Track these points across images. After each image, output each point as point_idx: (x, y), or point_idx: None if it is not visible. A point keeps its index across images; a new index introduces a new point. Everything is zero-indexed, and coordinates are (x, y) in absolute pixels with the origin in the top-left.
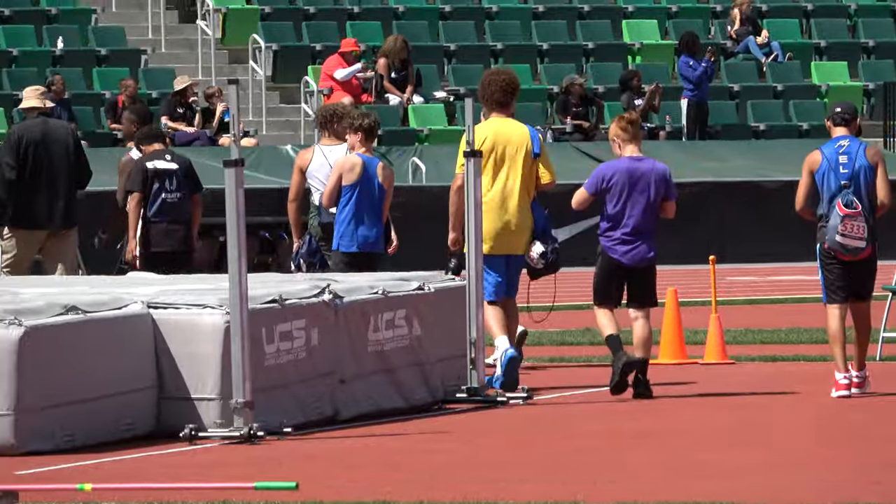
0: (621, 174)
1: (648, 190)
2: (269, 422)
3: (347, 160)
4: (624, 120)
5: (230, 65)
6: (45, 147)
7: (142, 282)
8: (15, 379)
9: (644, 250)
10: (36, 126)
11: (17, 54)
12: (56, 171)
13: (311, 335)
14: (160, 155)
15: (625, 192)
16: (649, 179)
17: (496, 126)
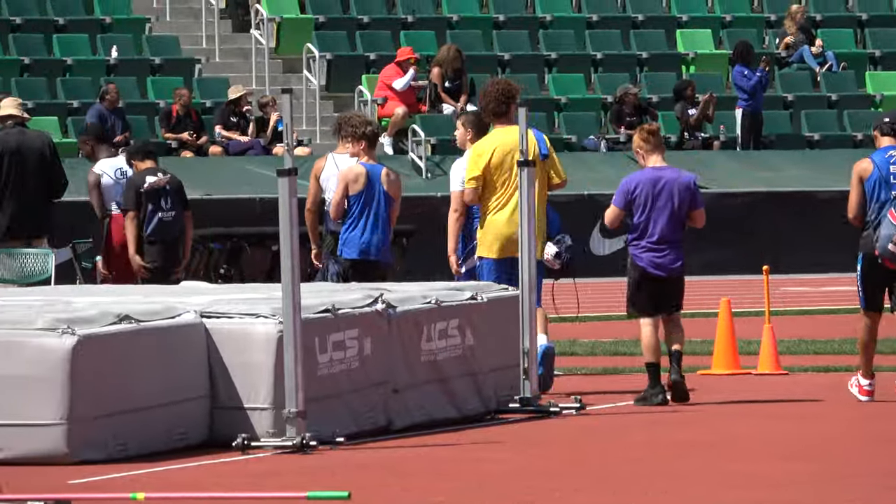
0: (645, 184)
1: (673, 199)
2: (321, 431)
3: (351, 170)
4: (645, 131)
5: (284, 74)
6: (21, 156)
7: (195, 291)
8: (68, 388)
9: (671, 259)
10: (12, 136)
11: (71, 63)
12: (30, 180)
13: (364, 345)
14: (152, 173)
15: (649, 201)
16: (673, 188)
17: (499, 137)
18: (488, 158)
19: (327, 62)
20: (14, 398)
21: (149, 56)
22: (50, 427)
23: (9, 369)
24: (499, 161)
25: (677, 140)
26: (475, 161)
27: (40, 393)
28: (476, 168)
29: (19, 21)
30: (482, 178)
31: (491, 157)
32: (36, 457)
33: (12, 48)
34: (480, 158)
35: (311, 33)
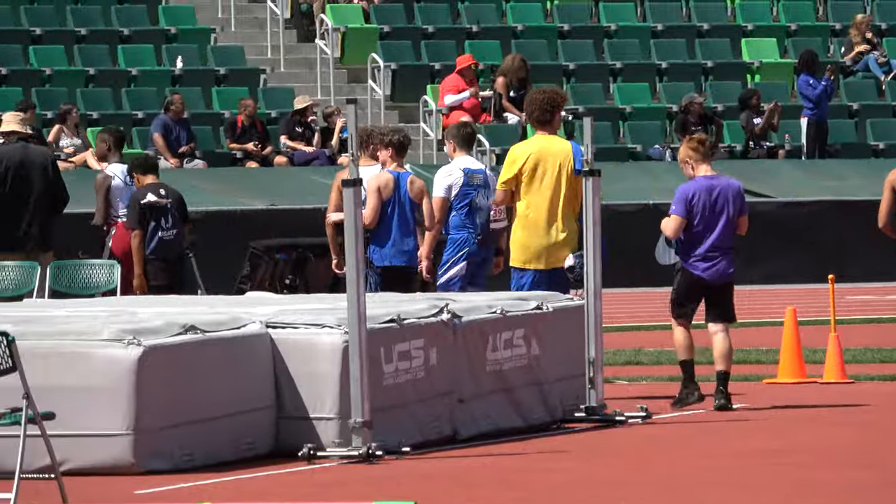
0: (702, 192)
1: (727, 207)
2: (387, 441)
3: (381, 177)
4: (694, 141)
5: (349, 84)
6: (24, 171)
7: (260, 301)
8: (134, 398)
9: (724, 266)
10: (15, 151)
11: (136, 74)
12: (33, 195)
13: (430, 355)
14: (155, 189)
15: (706, 210)
16: (727, 196)
17: (539, 144)
18: (522, 163)
19: (392, 72)
20: (80, 409)
21: (214, 66)
22: (116, 437)
23: (75, 380)
24: (532, 166)
25: (742, 149)
26: (510, 165)
27: (106, 403)
28: (509, 171)
29: (84, 32)
30: (514, 182)
31: (525, 162)
32: (102, 467)
33: (77, 59)
34: (514, 163)
35: (376, 43)
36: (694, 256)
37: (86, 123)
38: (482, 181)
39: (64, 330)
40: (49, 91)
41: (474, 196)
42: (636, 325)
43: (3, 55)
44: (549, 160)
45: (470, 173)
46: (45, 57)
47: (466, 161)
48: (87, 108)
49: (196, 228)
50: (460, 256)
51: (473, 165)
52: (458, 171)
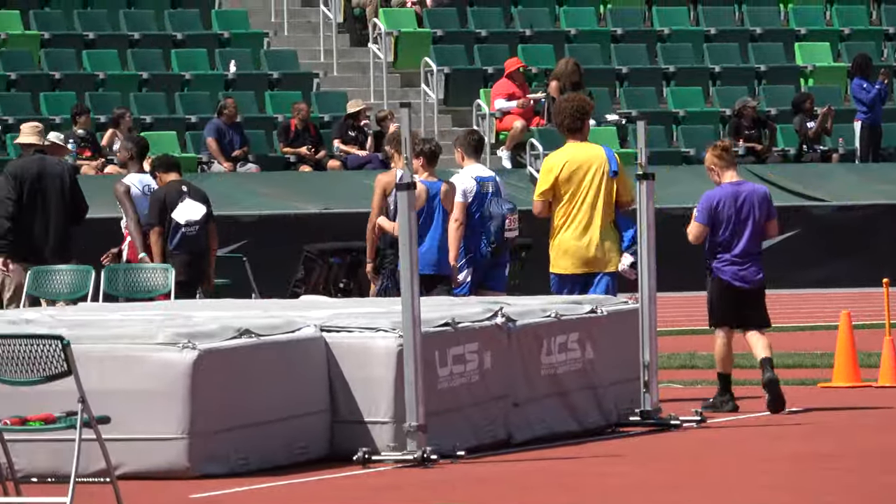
0: (727, 199)
1: (754, 212)
2: (442, 445)
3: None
4: (718, 148)
5: (402, 88)
6: (41, 183)
7: (315, 305)
8: (189, 402)
9: (754, 271)
10: (32, 163)
11: (189, 78)
12: (50, 207)
13: (484, 358)
14: (177, 187)
15: (732, 216)
16: (753, 202)
17: (571, 152)
18: (557, 172)
19: (445, 76)
20: (135, 413)
21: (267, 70)
22: (171, 441)
23: (130, 384)
24: (567, 176)
25: (796, 153)
26: (545, 175)
27: (161, 407)
28: (545, 182)
29: (138, 36)
30: (551, 192)
31: (560, 171)
32: (157, 471)
33: (131, 63)
34: (550, 173)
35: (429, 47)
36: (722, 262)
37: (139, 128)
38: (494, 188)
39: (119, 334)
40: (102, 95)
41: (488, 204)
42: (691, 329)
43: (56, 60)
44: (583, 167)
45: (481, 181)
46: (98, 61)
47: (476, 169)
48: (141, 113)
49: (249, 232)
50: (465, 262)
51: (484, 173)
52: (470, 179)
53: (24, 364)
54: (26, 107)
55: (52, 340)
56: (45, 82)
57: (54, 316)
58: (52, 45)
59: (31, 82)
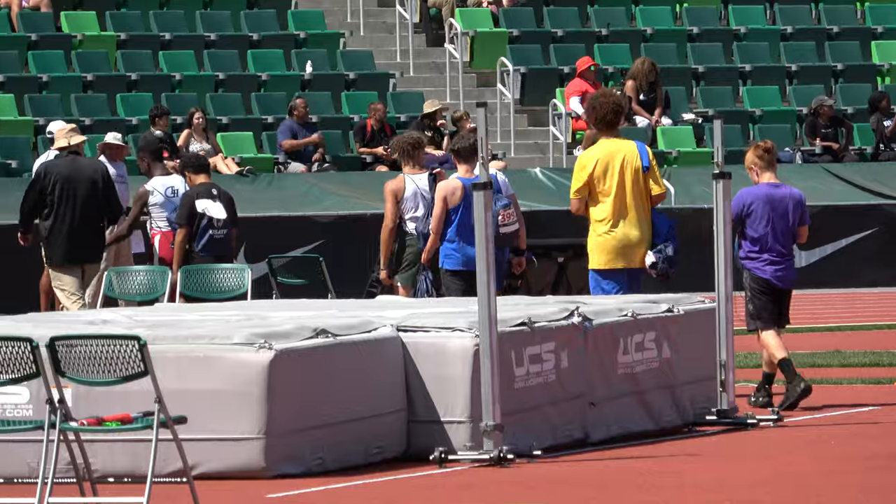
0: (761, 200)
1: (788, 215)
2: (518, 445)
3: (448, 185)
4: (760, 148)
5: (478, 88)
6: (71, 184)
7: (391, 305)
8: (265, 402)
9: (790, 272)
10: (63, 164)
11: (266, 79)
12: (82, 207)
13: (561, 358)
14: (208, 189)
15: (766, 217)
16: (788, 205)
17: (605, 148)
18: (591, 169)
19: (521, 75)
20: (212, 413)
21: (343, 71)
22: (248, 441)
23: (206, 384)
24: (602, 172)
25: (872, 152)
26: (579, 173)
27: (238, 407)
28: (580, 179)
29: (214, 37)
30: (586, 189)
31: (594, 168)
32: (234, 471)
33: (207, 64)
34: (584, 170)
35: (506, 47)
36: (761, 261)
37: (215, 128)
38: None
39: (195, 334)
40: (178, 96)
41: None
42: None
43: (133, 60)
44: (616, 162)
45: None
46: (174, 62)
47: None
48: (217, 114)
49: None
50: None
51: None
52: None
53: (101, 364)
54: (102, 108)
55: (129, 341)
56: (122, 84)
57: (131, 316)
58: (128, 46)
59: (108, 83)
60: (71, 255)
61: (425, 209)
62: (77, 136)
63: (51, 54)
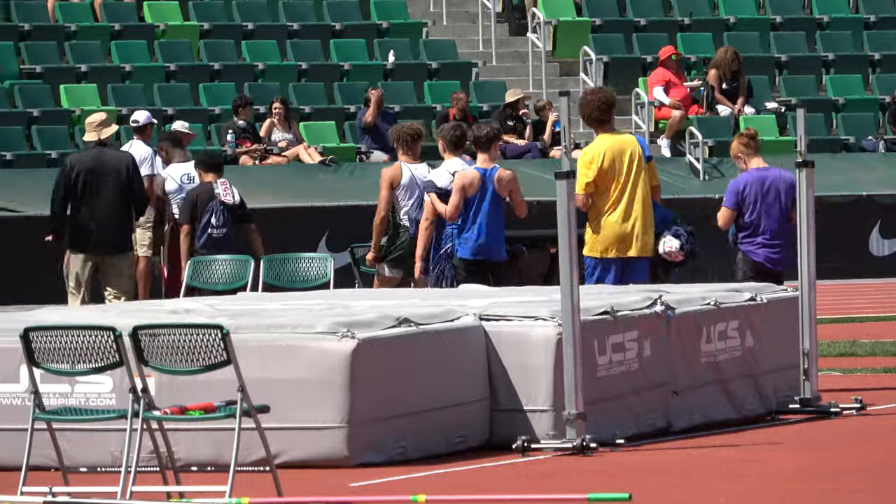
0: (753, 184)
1: (780, 197)
2: (601, 433)
3: (466, 175)
4: (745, 136)
5: (560, 77)
6: (96, 175)
7: (473, 294)
8: (348, 391)
9: (785, 254)
10: (89, 155)
11: (348, 68)
12: (107, 198)
13: (644, 346)
14: (210, 189)
15: (758, 200)
16: (779, 187)
17: (608, 142)
18: (599, 164)
19: (604, 64)
20: (294, 401)
21: (426, 60)
22: (330, 430)
23: (289, 373)
24: (609, 165)
25: None
26: (586, 168)
27: (320, 396)
28: (588, 175)
29: (297, 27)
30: (594, 185)
31: (602, 162)
32: (316, 460)
33: (290, 54)
34: (592, 165)
35: (588, 36)
36: (754, 244)
37: (298, 118)
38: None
39: (278, 323)
40: (261, 86)
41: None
42: (850, 317)
43: (216, 50)
44: (621, 155)
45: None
46: (257, 52)
47: (455, 163)
48: (300, 103)
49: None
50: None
51: (462, 167)
52: (447, 174)
53: (184, 353)
54: (185, 98)
55: (212, 330)
56: (205, 73)
57: (214, 305)
58: (211, 35)
59: (191, 73)
60: (85, 248)
61: (418, 198)
62: (108, 130)
63: (134, 44)
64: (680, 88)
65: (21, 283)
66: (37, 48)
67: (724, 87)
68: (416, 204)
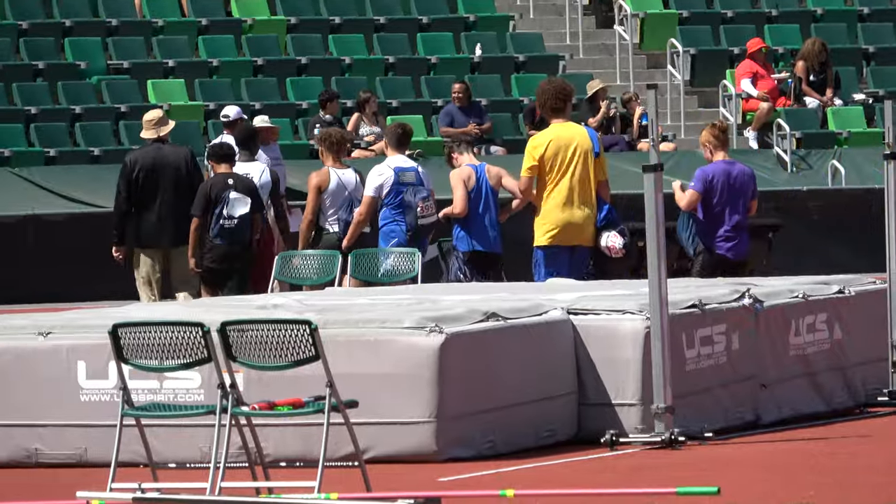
0: (721, 175)
1: (744, 189)
2: (690, 427)
3: (463, 171)
4: (716, 128)
5: (648, 69)
6: (155, 172)
7: (561, 288)
8: (436, 386)
9: (743, 245)
10: (148, 152)
11: (435, 62)
12: (166, 194)
13: (732, 340)
14: (224, 179)
15: (725, 191)
16: (743, 180)
17: (556, 131)
18: (543, 150)
19: (691, 57)
20: (383, 396)
21: (513, 53)
22: (419, 425)
23: (377, 367)
24: (553, 153)
25: None
26: (531, 152)
27: (409, 391)
28: (531, 159)
29: (383, 20)
30: (537, 169)
31: (546, 149)
32: (405, 455)
33: (376, 47)
34: (536, 150)
35: (675, 28)
36: (717, 237)
37: (385, 111)
38: (414, 179)
39: (366, 318)
40: (348, 80)
41: (405, 193)
42: None
43: (303, 45)
44: (568, 146)
45: (401, 172)
46: (344, 46)
47: (398, 160)
48: (387, 97)
49: None
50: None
51: (405, 164)
52: (389, 170)
53: (272, 349)
54: (272, 93)
55: (300, 325)
56: (292, 67)
57: (302, 301)
58: (298, 30)
59: (278, 67)
60: (151, 244)
61: (345, 203)
62: (165, 128)
63: (221, 39)
64: (767, 80)
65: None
66: (124, 44)
67: (812, 79)
68: (346, 208)
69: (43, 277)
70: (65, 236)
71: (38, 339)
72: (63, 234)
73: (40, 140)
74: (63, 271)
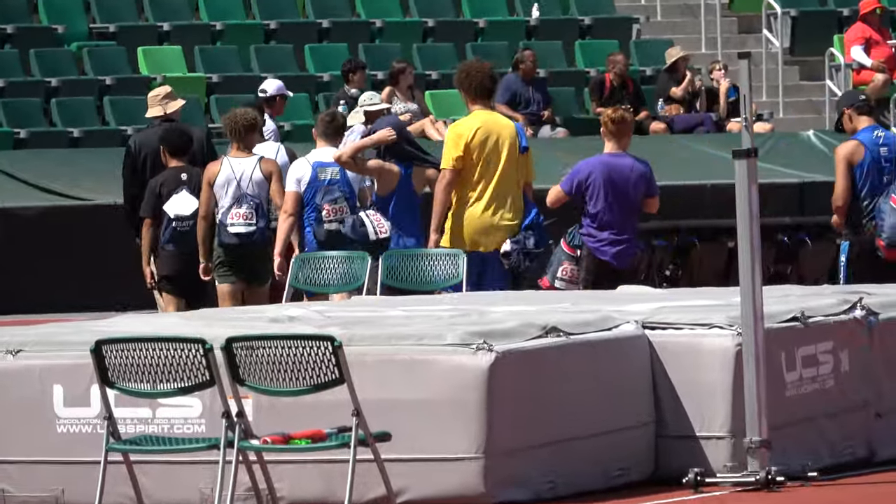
0: (599, 173)
1: (629, 189)
2: (790, 464)
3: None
4: (616, 114)
5: (739, 35)
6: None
7: (635, 297)
8: (485, 415)
9: (630, 250)
10: (153, 134)
11: (483, 26)
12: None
13: (841, 359)
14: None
15: (605, 191)
16: (629, 178)
17: (484, 118)
18: (469, 139)
19: (791, 20)
20: (421, 428)
21: (577, 16)
22: (464, 462)
23: (414, 393)
24: (479, 144)
25: None
26: (455, 141)
27: (452, 421)
28: (456, 149)
29: None
30: (462, 161)
31: (472, 138)
32: (447, 497)
33: (413, 9)
34: (460, 139)
35: None
36: (600, 241)
37: (423, 85)
38: (336, 176)
39: (400, 333)
40: (379, 48)
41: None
42: None
43: (324, 6)
44: (495, 137)
45: (319, 167)
46: (374, 7)
47: (322, 153)
48: (425, 68)
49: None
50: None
51: (326, 159)
52: (307, 164)
53: (288, 371)
54: (288, 62)
55: (320, 342)
56: (311, 32)
57: (323, 312)
58: None
59: (294, 32)
60: None
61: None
62: (174, 104)
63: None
64: (883, 47)
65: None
66: (110, 4)
67: None
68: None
69: (12, 284)
70: (38, 234)
71: (6, 357)
72: (36, 231)
73: (8, 119)
74: (36, 276)
